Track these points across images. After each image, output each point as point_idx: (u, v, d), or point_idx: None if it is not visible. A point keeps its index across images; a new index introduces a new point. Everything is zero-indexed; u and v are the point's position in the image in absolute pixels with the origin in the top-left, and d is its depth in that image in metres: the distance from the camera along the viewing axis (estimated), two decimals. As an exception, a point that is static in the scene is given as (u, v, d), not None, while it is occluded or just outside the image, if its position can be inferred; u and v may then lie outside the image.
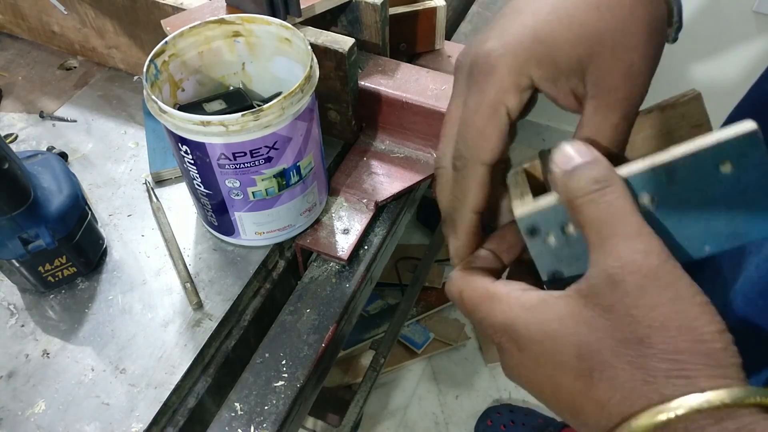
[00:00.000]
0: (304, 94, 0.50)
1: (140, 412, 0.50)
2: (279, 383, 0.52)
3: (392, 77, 0.66)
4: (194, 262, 0.60)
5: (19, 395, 0.51)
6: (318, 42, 0.60)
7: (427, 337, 1.45)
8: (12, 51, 0.83)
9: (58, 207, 0.54)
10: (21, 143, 0.71)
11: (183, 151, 0.51)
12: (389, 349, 1.21)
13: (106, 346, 0.54)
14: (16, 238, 0.52)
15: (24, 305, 0.57)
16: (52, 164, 0.57)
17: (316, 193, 0.60)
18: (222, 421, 0.50)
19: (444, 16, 0.73)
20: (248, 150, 0.50)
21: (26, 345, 0.54)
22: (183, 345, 0.54)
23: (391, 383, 1.42)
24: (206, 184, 0.54)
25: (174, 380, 0.52)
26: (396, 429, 1.35)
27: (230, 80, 0.61)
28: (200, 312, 0.56)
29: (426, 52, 0.77)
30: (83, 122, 0.73)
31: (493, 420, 1.31)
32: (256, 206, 0.55)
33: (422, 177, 0.65)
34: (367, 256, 0.61)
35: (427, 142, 0.67)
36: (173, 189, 0.66)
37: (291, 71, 0.58)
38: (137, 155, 0.70)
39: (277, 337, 0.55)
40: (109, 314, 0.56)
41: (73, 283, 0.58)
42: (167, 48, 0.54)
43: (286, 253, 0.63)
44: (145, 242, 0.62)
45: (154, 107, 0.49)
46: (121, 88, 0.77)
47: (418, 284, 1.31)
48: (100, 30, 0.76)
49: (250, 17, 0.56)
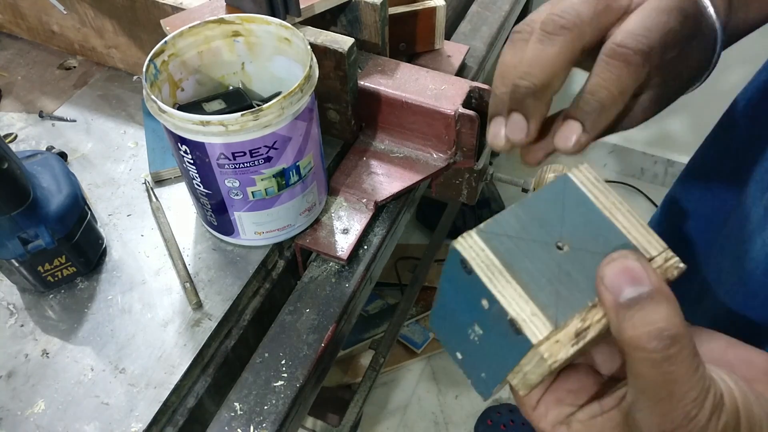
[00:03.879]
0: (303, 93, 0.50)
1: (140, 411, 0.50)
2: (278, 383, 0.52)
3: (392, 77, 0.66)
4: (194, 261, 0.60)
5: (19, 395, 0.51)
6: (317, 42, 0.60)
7: (426, 336, 1.45)
8: (11, 51, 0.83)
9: (57, 207, 0.54)
10: (20, 143, 0.71)
11: (182, 151, 0.51)
12: (389, 349, 1.21)
13: (105, 346, 0.54)
14: (15, 237, 0.52)
15: (23, 305, 0.57)
16: (52, 164, 0.57)
17: (316, 193, 0.60)
18: (221, 421, 0.50)
19: (443, 16, 0.73)
20: (248, 150, 0.50)
21: (26, 345, 0.54)
22: (182, 345, 0.54)
23: (390, 383, 1.42)
24: (206, 184, 0.54)
25: (173, 380, 0.52)
26: (396, 429, 1.35)
27: (230, 80, 0.61)
28: (200, 312, 0.56)
29: (426, 52, 0.77)
30: (83, 122, 0.73)
31: (493, 420, 1.31)
32: (256, 206, 0.55)
33: (422, 177, 0.65)
34: (366, 256, 0.61)
35: (426, 142, 0.67)
36: (173, 189, 0.66)
37: (290, 71, 0.58)
38: (137, 155, 0.70)
39: (277, 336, 0.55)
40: (109, 314, 0.56)
41: (72, 282, 0.58)
42: (167, 48, 0.54)
43: (286, 252, 0.63)
44: (145, 242, 0.62)
45: (153, 107, 0.49)
46: (121, 87, 0.77)
47: (417, 284, 1.31)
48: (99, 30, 0.76)
49: (250, 17, 0.56)
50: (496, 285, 0.27)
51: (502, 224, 0.28)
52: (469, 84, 0.65)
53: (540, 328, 0.26)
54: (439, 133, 0.65)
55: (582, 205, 0.29)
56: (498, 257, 0.27)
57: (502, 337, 0.27)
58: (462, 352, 0.32)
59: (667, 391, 0.25)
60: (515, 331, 0.26)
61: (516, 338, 0.26)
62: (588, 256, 0.27)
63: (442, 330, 0.33)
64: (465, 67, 0.79)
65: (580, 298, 0.27)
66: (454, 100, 0.63)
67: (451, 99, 0.64)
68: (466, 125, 0.62)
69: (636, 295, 0.24)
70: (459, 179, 0.69)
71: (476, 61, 0.81)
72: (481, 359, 0.31)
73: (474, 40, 0.83)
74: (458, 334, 0.31)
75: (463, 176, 0.68)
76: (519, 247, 0.27)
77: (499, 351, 0.29)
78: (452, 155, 0.66)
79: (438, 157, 0.67)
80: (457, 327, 0.31)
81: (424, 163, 0.67)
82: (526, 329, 0.26)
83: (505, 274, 0.27)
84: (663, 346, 0.24)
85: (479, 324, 0.29)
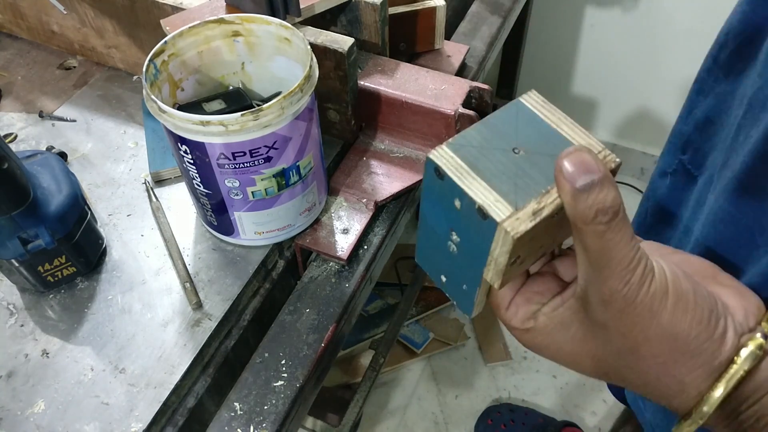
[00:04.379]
0: (303, 93, 0.50)
1: (140, 411, 0.50)
2: (278, 383, 0.52)
3: (392, 77, 0.66)
4: (194, 261, 0.60)
5: (19, 395, 0.51)
6: (317, 42, 0.60)
7: (426, 336, 1.45)
8: (11, 51, 0.83)
9: (57, 207, 0.54)
10: (20, 143, 0.71)
11: (182, 151, 0.51)
12: (389, 349, 1.21)
13: (105, 346, 0.54)
14: (15, 237, 0.52)
15: (23, 305, 0.57)
16: (52, 164, 0.57)
17: (316, 193, 0.60)
18: (221, 421, 0.50)
19: (443, 16, 0.73)
20: (248, 150, 0.50)
21: (26, 345, 0.54)
22: (182, 345, 0.54)
23: (390, 383, 1.42)
24: (206, 184, 0.54)
25: (173, 380, 0.52)
26: (395, 429, 1.35)
27: (230, 80, 0.61)
28: (200, 312, 0.56)
29: (425, 52, 0.77)
30: (83, 122, 0.73)
31: (493, 419, 1.31)
32: (256, 206, 0.55)
33: (422, 177, 0.65)
34: (366, 256, 0.61)
35: (426, 142, 0.67)
36: (173, 189, 0.66)
37: (290, 71, 0.58)
38: (137, 155, 0.70)
39: (277, 336, 0.55)
40: (109, 314, 0.56)
41: (72, 282, 0.58)
42: (167, 48, 0.54)
43: (286, 252, 0.63)
44: (145, 242, 0.62)
45: (153, 107, 0.49)
46: (121, 87, 0.77)
47: (417, 284, 1.31)
48: (99, 30, 0.76)
49: (250, 17, 0.56)
50: (465, 182, 0.32)
51: (467, 138, 0.34)
52: (469, 84, 0.65)
53: (503, 210, 0.31)
54: (439, 133, 0.65)
55: (533, 121, 0.35)
56: (465, 162, 0.33)
57: (474, 230, 0.33)
58: (445, 272, 0.38)
59: (607, 257, 0.30)
60: (483, 216, 0.32)
61: (484, 224, 0.32)
62: (540, 157, 0.34)
63: (426, 258, 0.39)
64: (465, 67, 0.79)
65: (534, 188, 0.32)
66: (454, 100, 0.63)
67: (451, 99, 0.64)
68: (466, 125, 0.62)
69: (589, 181, 0.29)
70: (459, 179, 0.69)
71: (476, 61, 0.81)
72: (461, 269, 0.36)
73: (474, 40, 0.83)
74: (439, 252, 0.37)
75: (463, 176, 0.68)
76: (482, 154, 0.33)
77: (474, 248, 0.34)
78: (452, 155, 0.66)
79: (438, 157, 0.67)
80: (437, 246, 0.37)
81: (424, 162, 0.66)
82: (491, 212, 0.31)
83: (471, 174, 0.33)
84: (607, 219, 0.29)
85: (455, 230, 0.35)
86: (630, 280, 0.30)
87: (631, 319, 0.31)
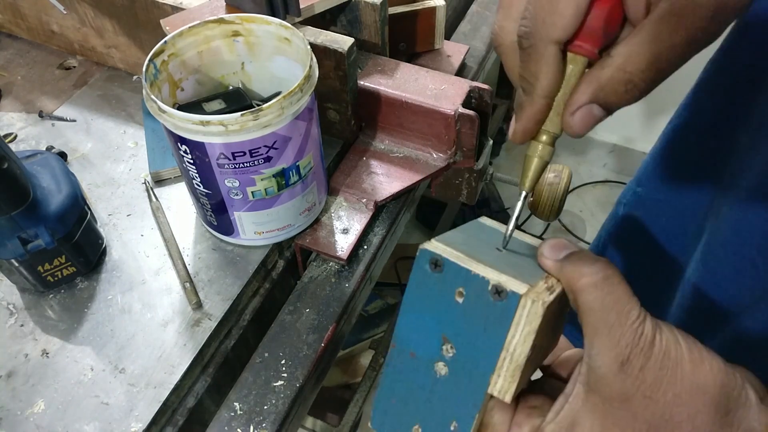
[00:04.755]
0: (303, 93, 0.50)
1: (139, 411, 0.50)
2: (278, 383, 0.52)
3: (392, 77, 0.66)
4: (193, 261, 0.60)
5: (19, 395, 0.51)
6: (317, 42, 0.60)
7: (426, 336, 1.45)
8: (11, 50, 0.83)
9: (57, 207, 0.54)
10: (20, 143, 0.71)
11: (182, 151, 0.51)
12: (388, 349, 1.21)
13: (105, 346, 0.54)
14: (15, 237, 0.52)
15: (23, 305, 0.57)
16: (52, 164, 0.57)
17: (316, 193, 0.60)
18: (221, 421, 0.50)
19: (443, 16, 0.73)
20: (247, 150, 0.50)
21: (25, 345, 0.54)
22: (182, 345, 0.54)
23: (390, 383, 1.42)
24: (205, 184, 0.54)
25: (173, 380, 0.52)
26: (395, 429, 1.35)
27: (230, 80, 0.61)
28: (199, 312, 0.56)
29: (425, 52, 0.77)
30: (82, 122, 0.73)
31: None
32: (256, 206, 0.55)
33: (422, 176, 0.65)
34: (366, 256, 0.61)
35: (426, 142, 0.67)
36: (172, 188, 0.66)
37: (290, 71, 0.58)
38: (136, 155, 0.70)
39: (277, 336, 0.55)
40: (109, 314, 0.56)
41: (72, 282, 0.58)
42: (166, 47, 0.54)
43: (286, 252, 0.63)
44: (145, 242, 0.62)
45: (153, 107, 0.49)
46: (121, 87, 0.77)
47: (417, 284, 1.31)
48: (99, 29, 0.76)
49: (250, 17, 0.56)
50: (471, 265, 0.32)
51: (452, 236, 0.35)
52: (469, 84, 0.65)
53: (520, 285, 0.31)
54: (439, 133, 0.65)
55: (496, 232, 0.39)
56: (461, 252, 0.33)
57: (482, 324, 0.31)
58: (422, 419, 0.34)
59: (615, 313, 0.29)
60: (499, 295, 0.31)
61: (499, 306, 0.31)
62: (519, 256, 0.36)
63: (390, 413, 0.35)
64: (465, 66, 0.79)
65: (534, 273, 0.33)
66: (454, 99, 0.63)
67: (451, 99, 0.64)
68: (466, 125, 0.62)
69: (567, 252, 0.32)
70: (459, 179, 0.69)
71: (476, 61, 0.81)
72: (449, 401, 0.33)
73: (474, 40, 0.83)
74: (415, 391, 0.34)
75: (463, 176, 0.68)
76: (472, 248, 0.33)
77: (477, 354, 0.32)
78: (452, 155, 0.66)
79: (438, 157, 0.67)
80: (413, 380, 0.34)
81: (424, 163, 0.67)
82: (510, 286, 0.31)
83: (473, 259, 0.32)
84: (599, 268, 0.30)
85: (451, 337, 0.33)
86: (644, 332, 0.29)
87: (654, 375, 0.29)
